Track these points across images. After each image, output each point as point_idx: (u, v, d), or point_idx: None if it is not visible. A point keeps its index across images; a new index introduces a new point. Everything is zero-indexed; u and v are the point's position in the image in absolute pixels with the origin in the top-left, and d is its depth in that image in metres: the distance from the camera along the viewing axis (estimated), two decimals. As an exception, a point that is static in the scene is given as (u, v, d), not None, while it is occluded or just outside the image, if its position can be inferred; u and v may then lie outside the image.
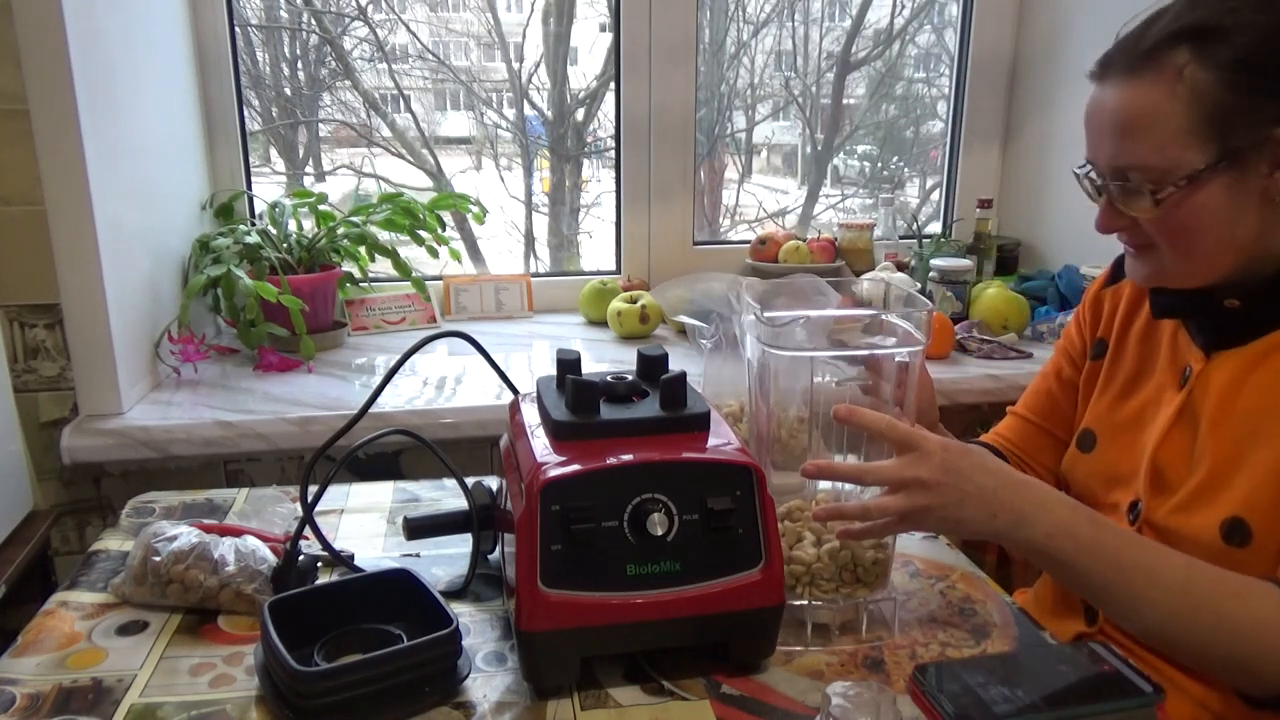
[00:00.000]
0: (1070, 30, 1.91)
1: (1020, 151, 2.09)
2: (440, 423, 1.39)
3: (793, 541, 0.86)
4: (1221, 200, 0.82)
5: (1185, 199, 0.82)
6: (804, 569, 0.84)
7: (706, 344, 0.98)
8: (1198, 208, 0.82)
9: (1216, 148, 0.80)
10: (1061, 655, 0.80)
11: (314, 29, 2.00)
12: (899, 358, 0.85)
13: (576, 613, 0.73)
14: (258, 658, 0.78)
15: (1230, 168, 0.81)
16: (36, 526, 1.31)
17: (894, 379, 0.86)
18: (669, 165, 1.96)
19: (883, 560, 0.86)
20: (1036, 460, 1.10)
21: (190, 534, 0.90)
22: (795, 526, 0.87)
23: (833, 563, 0.85)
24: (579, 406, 0.79)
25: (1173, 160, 0.81)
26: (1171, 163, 0.81)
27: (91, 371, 1.34)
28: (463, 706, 0.75)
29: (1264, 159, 0.80)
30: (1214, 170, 0.81)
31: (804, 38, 2.20)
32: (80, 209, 1.28)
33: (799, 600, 0.84)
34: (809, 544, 0.86)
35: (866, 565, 0.85)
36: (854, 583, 0.85)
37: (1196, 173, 0.81)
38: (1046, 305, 1.86)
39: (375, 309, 1.85)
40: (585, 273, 2.09)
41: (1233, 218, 0.82)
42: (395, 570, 0.86)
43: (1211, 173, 0.81)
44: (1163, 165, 0.82)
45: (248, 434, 1.35)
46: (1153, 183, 0.82)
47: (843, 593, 0.85)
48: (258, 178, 1.91)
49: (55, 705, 0.74)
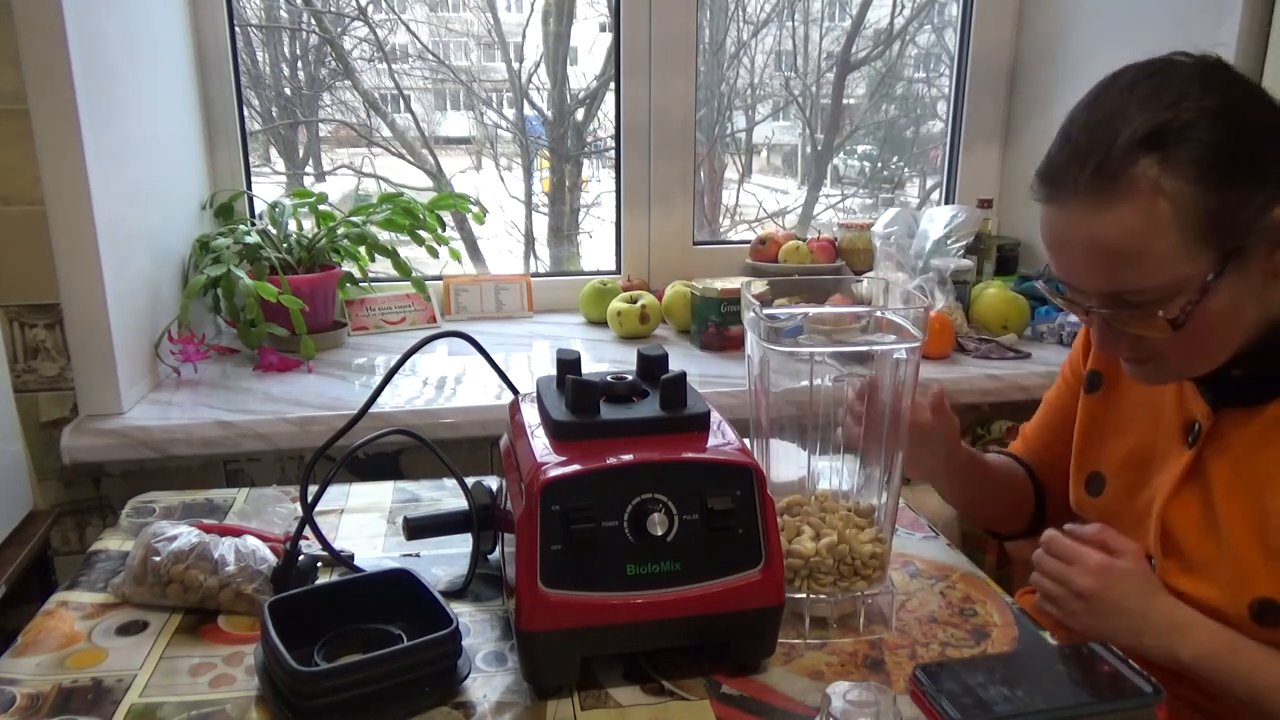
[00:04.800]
0: (1070, 30, 1.91)
1: (1020, 151, 2.09)
2: (440, 423, 1.39)
3: (792, 535, 0.86)
4: (1228, 297, 0.79)
5: (1197, 310, 0.78)
6: (802, 562, 0.84)
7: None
8: (1210, 313, 0.79)
9: (1216, 253, 0.77)
10: (1061, 655, 0.80)
11: (314, 29, 2.00)
12: (896, 354, 0.85)
13: (576, 613, 0.73)
14: (258, 658, 0.78)
15: (1234, 266, 0.78)
16: (36, 526, 1.30)
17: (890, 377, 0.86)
18: (669, 165, 1.96)
19: (880, 554, 0.86)
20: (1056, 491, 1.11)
21: (190, 534, 0.90)
22: (794, 521, 0.87)
23: (831, 556, 0.85)
24: (579, 406, 0.79)
25: (1174, 278, 0.78)
26: (1173, 281, 0.78)
27: (91, 371, 1.34)
28: (463, 706, 0.75)
29: (1263, 243, 0.78)
30: (1219, 276, 0.77)
31: (804, 38, 2.20)
32: (80, 209, 1.28)
33: (798, 594, 0.84)
34: (807, 538, 0.86)
35: (864, 559, 0.85)
36: (852, 576, 0.86)
37: (1205, 284, 0.77)
38: (1046, 305, 1.86)
39: (375, 309, 1.85)
40: (585, 273, 2.09)
41: (1240, 307, 0.80)
42: (395, 570, 0.86)
43: (1218, 279, 0.78)
44: (1164, 284, 0.78)
45: (248, 434, 1.35)
46: (1157, 304, 0.79)
47: (840, 586, 0.85)
48: (258, 178, 1.91)
49: (55, 705, 0.74)
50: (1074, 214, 0.79)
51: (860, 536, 0.86)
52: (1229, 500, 0.86)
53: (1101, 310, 0.83)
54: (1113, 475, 0.99)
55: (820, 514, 0.88)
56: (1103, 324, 0.84)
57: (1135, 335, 0.83)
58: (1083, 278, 0.82)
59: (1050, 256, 0.85)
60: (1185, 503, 0.90)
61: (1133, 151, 0.76)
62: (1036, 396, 1.18)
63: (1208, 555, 0.87)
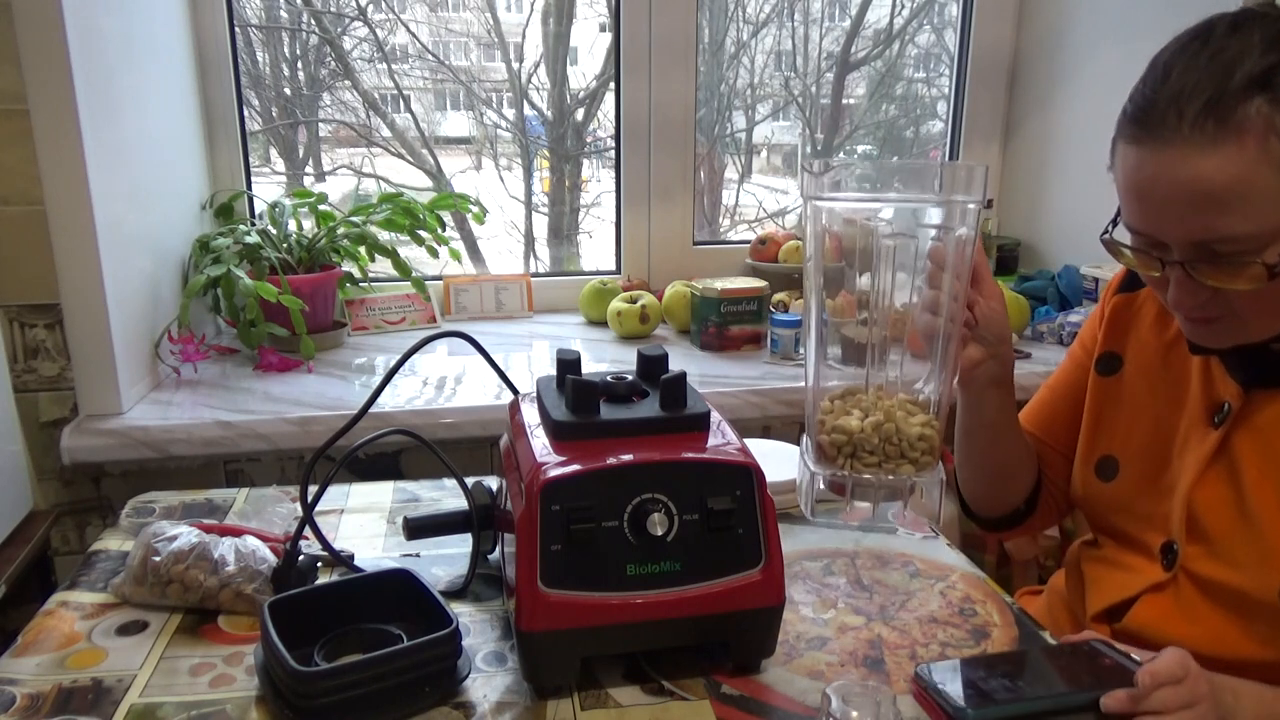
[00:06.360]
0: (1070, 30, 1.91)
1: (1020, 151, 2.09)
2: (440, 423, 1.39)
3: (840, 415, 0.83)
4: None
5: None
6: (846, 438, 0.81)
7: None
8: None
9: None
10: (1062, 652, 0.81)
11: (314, 29, 2.00)
12: (959, 230, 0.80)
13: (576, 613, 0.73)
14: (258, 658, 0.78)
15: None
16: (36, 526, 1.31)
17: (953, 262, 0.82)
18: (669, 165, 1.96)
19: (929, 436, 0.82)
20: (1049, 478, 1.08)
21: (190, 534, 0.90)
22: (845, 404, 0.84)
23: (876, 434, 0.81)
24: (579, 406, 0.79)
25: (1274, 224, 0.74)
26: (1273, 227, 0.74)
27: (91, 371, 1.34)
28: (463, 706, 0.75)
29: None
30: None
31: (804, 38, 2.20)
32: (80, 209, 1.28)
33: (842, 471, 0.81)
34: (855, 418, 0.82)
35: (911, 440, 0.81)
36: (898, 458, 0.82)
37: None
38: (1046, 305, 1.86)
39: (375, 309, 1.85)
40: (585, 273, 2.09)
41: None
42: (395, 570, 0.86)
43: None
44: (1260, 231, 0.74)
45: (248, 434, 1.35)
46: (1252, 252, 0.75)
47: (886, 468, 0.82)
48: (258, 178, 1.91)
49: (55, 705, 0.74)
50: (1174, 156, 0.75)
51: (910, 419, 0.82)
52: (1260, 483, 0.85)
53: (1185, 261, 0.79)
54: (1128, 459, 0.97)
55: (875, 400, 0.85)
56: (1183, 277, 0.79)
57: (1214, 289, 0.78)
58: (1171, 225, 0.78)
59: (1132, 204, 0.80)
60: (1213, 486, 0.88)
61: (1248, 90, 0.72)
62: (1037, 396, 1.18)
63: (1236, 539, 0.86)
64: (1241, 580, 0.85)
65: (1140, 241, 0.82)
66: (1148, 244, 0.81)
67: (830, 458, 0.82)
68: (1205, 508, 0.88)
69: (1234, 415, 0.87)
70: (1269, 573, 0.83)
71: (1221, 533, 0.87)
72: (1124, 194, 0.81)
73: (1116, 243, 0.84)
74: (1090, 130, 1.88)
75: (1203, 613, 0.88)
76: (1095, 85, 1.86)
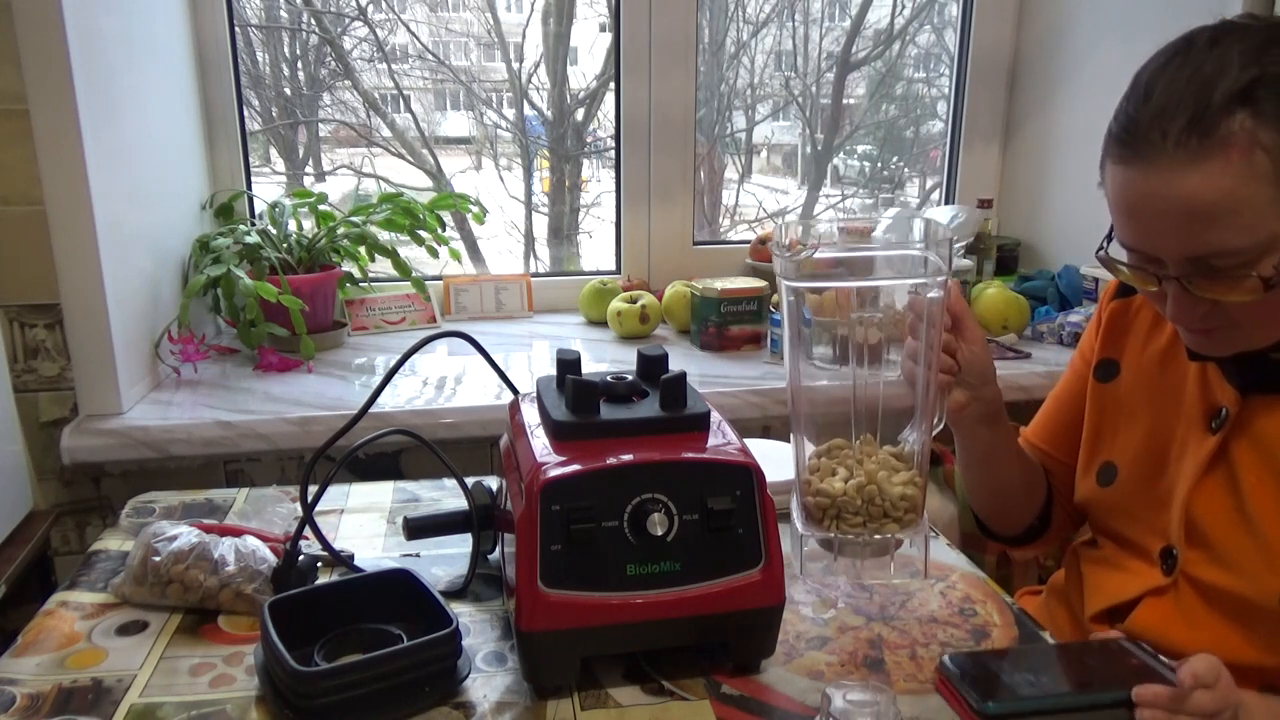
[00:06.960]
0: (1070, 30, 1.91)
1: (1020, 151, 2.09)
2: (440, 423, 1.39)
3: (825, 475, 0.84)
4: None
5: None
6: (829, 501, 0.83)
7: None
8: None
9: None
10: (1089, 649, 0.80)
11: (314, 29, 2.00)
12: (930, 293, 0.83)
13: (576, 613, 0.73)
14: (258, 658, 0.78)
15: None
16: (36, 526, 1.31)
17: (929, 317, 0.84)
18: (669, 165, 1.96)
19: (912, 496, 0.83)
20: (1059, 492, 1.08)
21: (190, 534, 0.90)
22: (830, 463, 0.85)
23: (859, 496, 0.82)
24: (579, 406, 0.79)
25: (1266, 236, 0.74)
26: (1266, 239, 0.74)
27: (91, 371, 1.34)
28: (463, 706, 0.75)
29: None
30: None
31: (804, 38, 2.20)
32: (80, 209, 1.28)
33: (827, 533, 0.83)
34: (839, 479, 0.84)
35: (894, 500, 0.83)
36: (881, 518, 0.83)
37: None
38: (1046, 305, 1.86)
39: (375, 309, 1.85)
40: (585, 273, 2.09)
41: None
42: (395, 570, 0.86)
43: None
44: (1254, 244, 0.74)
45: (248, 434, 1.35)
46: (1247, 265, 0.75)
47: (870, 528, 0.83)
48: (258, 178, 1.91)
49: (55, 705, 0.74)
50: (1161, 173, 0.75)
51: (893, 479, 0.84)
52: (1259, 488, 0.85)
53: (1181, 277, 0.79)
54: (1126, 464, 0.97)
55: (859, 458, 0.86)
56: (1179, 292, 0.79)
57: (1211, 302, 0.78)
58: (1165, 241, 0.78)
59: (1124, 222, 0.80)
60: (1211, 491, 0.88)
61: (1229, 106, 0.72)
62: (1037, 397, 1.18)
63: (1235, 544, 0.86)
64: (1242, 586, 0.85)
65: (1135, 258, 0.82)
66: (1143, 260, 0.81)
67: (816, 519, 0.84)
68: (1204, 513, 0.88)
69: (1232, 420, 0.87)
70: (1269, 578, 0.83)
71: (1221, 538, 0.87)
72: (1115, 213, 0.81)
73: (1113, 260, 0.85)
74: (1090, 130, 1.86)
75: (1203, 618, 0.88)
76: (1095, 85, 1.86)
